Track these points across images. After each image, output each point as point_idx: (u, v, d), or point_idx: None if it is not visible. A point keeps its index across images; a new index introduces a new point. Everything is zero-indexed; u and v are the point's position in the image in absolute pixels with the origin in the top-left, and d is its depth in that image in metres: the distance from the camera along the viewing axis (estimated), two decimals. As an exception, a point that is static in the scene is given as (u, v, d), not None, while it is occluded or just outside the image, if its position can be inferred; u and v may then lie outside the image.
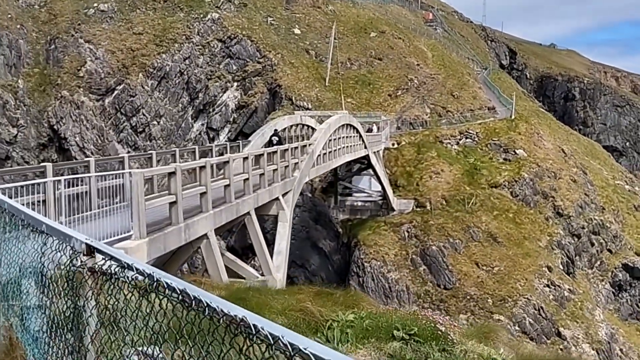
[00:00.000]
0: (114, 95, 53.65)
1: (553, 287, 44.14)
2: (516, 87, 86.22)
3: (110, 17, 57.35)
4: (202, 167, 12.25)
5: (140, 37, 56.46)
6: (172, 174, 10.66)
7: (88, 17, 56.89)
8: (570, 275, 46.60)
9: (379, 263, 43.47)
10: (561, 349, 41.41)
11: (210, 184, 12.22)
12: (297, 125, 29.18)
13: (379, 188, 47.12)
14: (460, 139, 54.16)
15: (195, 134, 55.88)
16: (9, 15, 54.78)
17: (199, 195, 12.24)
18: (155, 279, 1.92)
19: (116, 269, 2.21)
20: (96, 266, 2.43)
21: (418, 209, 47.12)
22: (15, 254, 3.99)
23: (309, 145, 21.93)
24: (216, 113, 55.72)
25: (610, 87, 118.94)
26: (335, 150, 27.29)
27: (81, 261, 2.50)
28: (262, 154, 16.40)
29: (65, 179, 8.68)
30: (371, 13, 72.68)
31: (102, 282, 2.39)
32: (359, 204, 48.01)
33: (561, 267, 46.40)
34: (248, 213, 15.05)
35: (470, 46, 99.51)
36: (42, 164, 11.59)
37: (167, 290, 1.91)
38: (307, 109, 52.02)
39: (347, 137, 30.53)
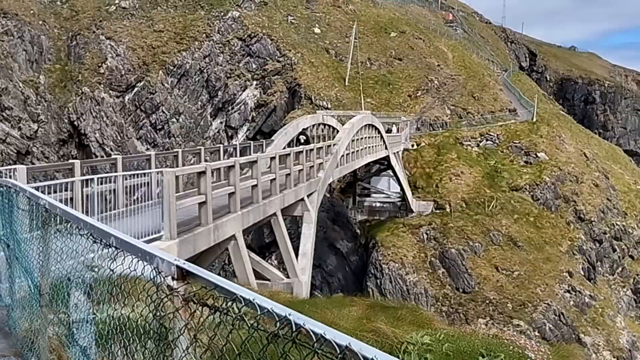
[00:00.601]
0: (134, 92, 53.80)
1: (574, 293, 43.48)
2: (536, 89, 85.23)
3: (132, 14, 57.52)
4: (231, 167, 12.01)
5: (160, 35, 56.56)
6: (201, 174, 10.44)
7: (109, 14, 57.11)
8: (591, 281, 45.86)
9: (397, 265, 43.05)
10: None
11: (239, 184, 11.99)
12: (318, 124, 28.90)
13: (398, 189, 46.73)
14: (480, 141, 53.57)
15: (214, 132, 55.86)
16: (32, 11, 55.13)
17: (227, 195, 12.02)
18: (263, 309, 1.62)
19: (223, 303, 1.84)
20: (192, 295, 2.07)
21: (437, 211, 46.64)
22: (66, 262, 3.78)
23: (333, 145, 21.67)
24: (235, 111, 55.64)
25: (631, 91, 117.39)
26: (358, 150, 27.00)
27: (170, 287, 2.15)
28: (289, 154, 16.16)
29: (97, 178, 8.47)
30: (391, 13, 72.21)
31: (201, 314, 2.02)
32: (378, 205, 47.63)
33: (582, 272, 45.69)
34: (274, 214, 14.82)
35: (490, 47, 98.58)
36: (70, 162, 11.42)
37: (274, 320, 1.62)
38: (327, 108, 51.74)
39: (369, 137, 30.23)
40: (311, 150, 18.62)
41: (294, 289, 13.85)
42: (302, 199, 17.08)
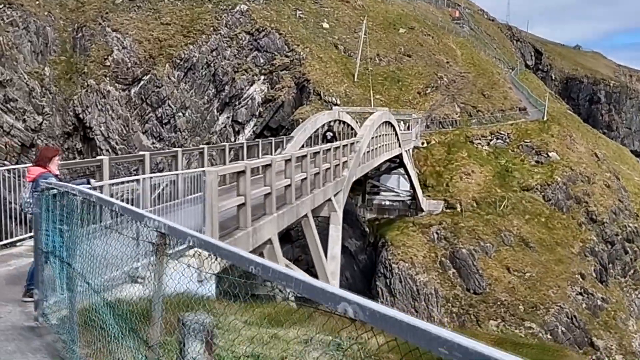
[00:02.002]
0: (140, 85, 52.98)
1: (586, 296, 42.90)
2: (544, 88, 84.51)
3: (138, 7, 56.68)
4: (267, 166, 11.30)
5: (167, 28, 55.73)
6: (241, 173, 9.72)
7: (116, 6, 56.27)
8: (603, 283, 45.27)
9: (407, 265, 42.40)
10: (594, 360, 40.33)
11: (274, 184, 11.28)
12: (335, 121, 28.17)
13: (408, 187, 46.06)
14: (491, 140, 52.89)
15: (221, 127, 55.07)
16: (37, 2, 54.26)
17: (262, 196, 11.31)
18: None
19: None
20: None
21: (448, 210, 45.99)
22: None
23: (357, 142, 20.95)
24: (242, 106, 54.82)
25: (636, 91, 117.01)
26: (376, 148, 26.31)
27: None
28: (318, 152, 15.44)
29: (151, 177, 7.76)
30: (400, 9, 71.42)
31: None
32: (387, 203, 46.95)
33: (594, 274, 45.09)
34: (305, 215, 14.10)
35: (497, 45, 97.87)
36: (98, 158, 10.72)
37: None
38: (336, 104, 50.99)
39: (385, 135, 29.52)
40: (337, 148, 17.90)
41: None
42: (330, 199, 16.36)
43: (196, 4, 58.03)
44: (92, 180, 6.76)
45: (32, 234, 9.05)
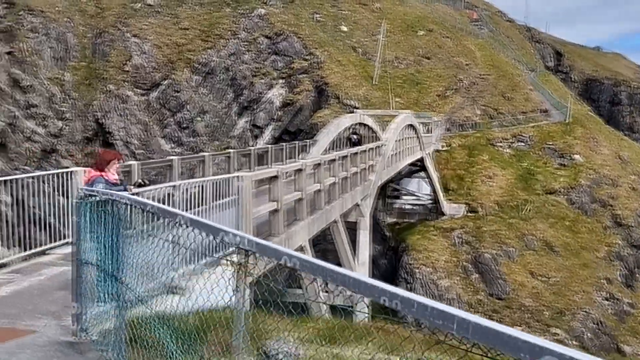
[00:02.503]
0: (159, 90, 53.09)
1: (612, 301, 42.00)
2: (565, 89, 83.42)
3: (157, 12, 56.86)
4: (299, 170, 11.00)
5: (186, 32, 55.82)
6: (274, 178, 9.43)
7: (135, 11, 56.49)
8: (630, 288, 44.29)
9: (429, 269, 41.83)
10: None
11: (306, 189, 10.97)
12: (357, 124, 27.83)
13: (429, 191, 45.53)
14: (512, 142, 52.18)
15: (239, 131, 54.96)
16: (57, 9, 54.66)
17: (293, 201, 11.00)
18: None
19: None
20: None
21: (470, 214, 45.35)
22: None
23: (382, 145, 20.59)
24: (261, 110, 54.69)
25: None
26: (400, 151, 25.92)
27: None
28: (346, 156, 15.11)
29: (189, 182, 7.47)
30: (418, 11, 70.92)
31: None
32: (408, 207, 46.42)
33: (620, 279, 44.16)
34: (334, 220, 13.78)
35: (516, 47, 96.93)
36: (128, 163, 10.52)
37: None
38: (355, 107, 50.63)
39: (408, 138, 29.11)
40: (364, 151, 17.56)
41: (358, 305, 12.79)
42: (357, 204, 16.01)
43: (215, 8, 58.10)
44: (129, 187, 6.45)
45: (62, 241, 8.82)
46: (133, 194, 5.72)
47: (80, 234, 4.85)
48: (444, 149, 49.77)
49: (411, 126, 29.81)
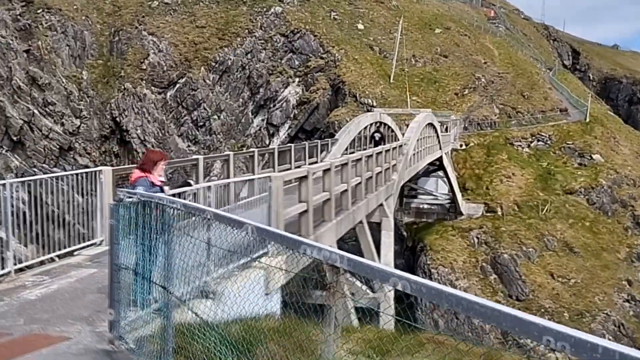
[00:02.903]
0: (175, 88, 53.11)
1: (633, 303, 41.34)
2: (583, 88, 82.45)
3: (174, 10, 56.88)
4: (327, 170, 10.76)
5: (203, 31, 55.78)
6: (303, 178, 9.19)
7: (152, 10, 56.56)
8: (652, 290, 43.56)
9: (446, 270, 41.44)
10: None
11: (333, 189, 10.73)
12: (376, 123, 27.53)
13: (446, 190, 45.08)
14: (531, 142, 51.57)
15: (255, 129, 54.85)
16: (75, 7, 54.86)
17: (321, 202, 10.76)
18: None
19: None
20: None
21: (488, 214, 44.86)
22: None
23: (404, 144, 20.29)
24: (277, 109, 54.52)
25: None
26: (421, 150, 25.59)
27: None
28: (371, 155, 14.85)
29: (219, 184, 7.21)
30: (435, 9, 70.39)
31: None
32: (425, 206, 45.98)
33: (641, 281, 43.47)
34: (360, 221, 13.53)
35: (534, 45, 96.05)
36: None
37: None
38: (372, 106, 50.33)
39: (428, 137, 28.76)
40: (387, 150, 17.27)
41: (381, 305, 12.58)
42: (381, 204, 15.75)
43: (231, 6, 58.00)
44: (165, 188, 6.22)
45: (89, 242, 8.65)
46: (173, 195, 5.53)
47: (117, 237, 4.64)
48: (462, 148, 49.28)
49: (431, 125, 29.47)
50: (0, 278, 6.76)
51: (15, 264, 6.96)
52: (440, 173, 42.80)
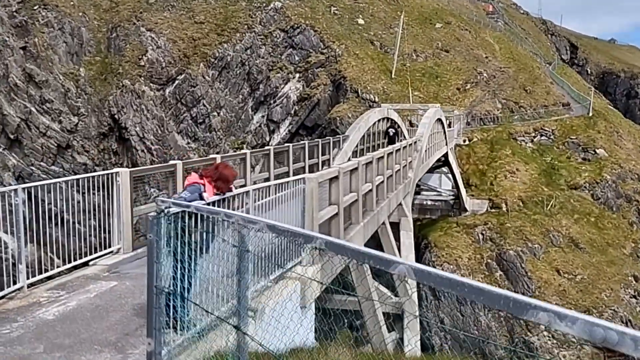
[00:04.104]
0: (174, 85, 52.38)
1: (640, 299, 40.97)
2: (583, 82, 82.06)
3: (172, 6, 56.09)
4: (354, 170, 10.16)
5: (201, 26, 55.03)
6: (334, 179, 8.59)
7: (150, 5, 55.76)
8: (658, 286, 43.19)
9: (451, 267, 40.95)
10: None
11: (361, 190, 10.14)
12: (384, 119, 26.93)
13: (450, 186, 44.57)
14: (534, 137, 51.09)
15: (255, 126, 54.22)
16: (71, 3, 54.03)
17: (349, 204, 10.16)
18: None
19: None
20: None
21: (493, 210, 44.38)
22: None
23: (418, 141, 19.72)
24: (277, 105, 53.87)
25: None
26: (431, 147, 25.02)
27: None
28: (392, 152, 14.24)
29: (256, 188, 6.56)
30: (435, 3, 69.77)
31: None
32: (429, 203, 45.42)
33: (647, 277, 43.07)
34: (383, 222, 12.93)
35: (532, 40, 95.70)
36: (171, 163, 9.71)
37: None
38: (374, 102, 49.77)
39: (437, 132, 28.20)
40: (404, 147, 16.66)
41: (405, 308, 12.01)
42: (400, 204, 15.16)
43: (230, 2, 57.27)
44: (205, 195, 5.54)
45: (104, 251, 8.04)
46: (213, 204, 4.92)
47: (158, 255, 4.03)
48: (465, 143, 48.76)
49: (439, 120, 28.93)
50: (12, 294, 6.12)
51: (28, 278, 6.34)
52: (444, 169, 42.25)
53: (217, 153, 52.16)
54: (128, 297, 6.17)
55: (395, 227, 15.73)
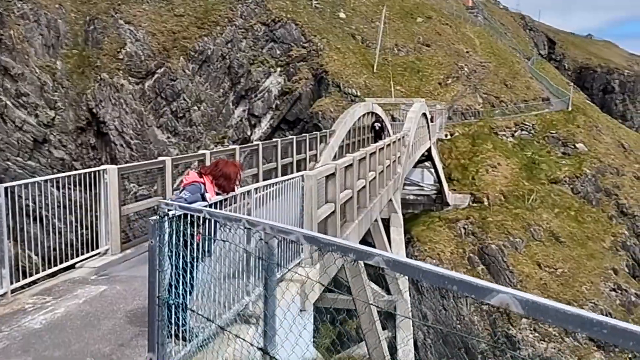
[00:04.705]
0: (154, 78, 51.58)
1: (620, 292, 41.45)
2: (560, 77, 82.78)
3: (151, -2, 55.18)
4: (349, 166, 9.88)
5: (181, 19, 54.24)
6: (330, 176, 8.29)
7: (128, -3, 54.77)
8: (637, 278, 43.79)
9: (434, 261, 40.97)
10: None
11: (355, 187, 9.87)
12: (369, 113, 26.69)
13: (432, 181, 44.59)
14: (515, 131, 51.37)
15: (237, 120, 53.68)
16: (47, -6, 52.80)
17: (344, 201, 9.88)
18: None
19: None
20: None
21: (474, 205, 44.52)
22: None
23: (405, 136, 19.50)
24: (258, 99, 53.39)
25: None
26: (417, 141, 24.85)
27: None
28: (382, 148, 13.98)
29: (257, 187, 6.15)
30: (416, -3, 69.63)
31: None
32: (411, 197, 45.39)
33: (626, 269, 43.63)
34: (375, 219, 12.69)
35: (511, 34, 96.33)
36: (161, 159, 9.29)
37: None
38: (356, 96, 49.60)
39: (422, 127, 28.05)
40: (393, 142, 16.43)
41: (397, 307, 11.81)
42: (390, 200, 14.94)
43: (210, -6, 56.51)
44: (207, 195, 5.14)
45: (91, 253, 7.66)
46: (215, 205, 4.61)
47: (160, 262, 3.70)
48: (447, 138, 48.82)
49: (424, 115, 28.80)
50: (-6, 300, 5.72)
51: (12, 283, 5.93)
52: (427, 164, 42.21)
53: (199, 148, 51.56)
54: (120, 303, 5.80)
55: (385, 223, 15.52)
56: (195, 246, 4.03)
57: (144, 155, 50.07)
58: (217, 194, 5.25)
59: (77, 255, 7.13)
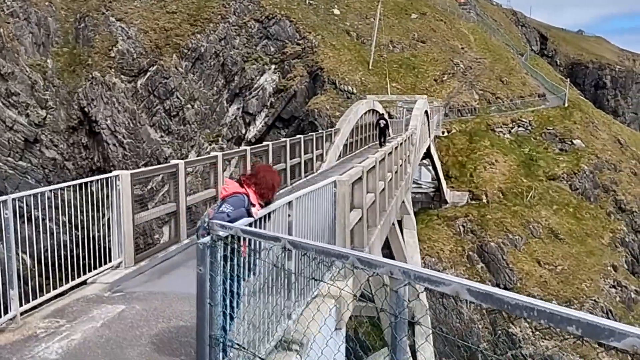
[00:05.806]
0: (146, 76, 50.79)
1: (619, 288, 41.28)
2: (554, 73, 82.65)
3: (143, -6, 54.32)
4: (372, 168, 9.37)
5: (174, 16, 53.44)
6: (358, 180, 7.77)
7: (119, -6, 53.88)
8: (636, 275, 43.66)
9: (433, 259, 40.65)
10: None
11: (378, 190, 9.38)
12: (370, 110, 26.18)
13: (430, 178, 44.20)
14: (512, 128, 51.05)
15: (231, 118, 53.02)
16: (37, -9, 51.81)
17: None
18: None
19: None
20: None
21: (473, 202, 44.16)
22: None
23: (413, 134, 19.03)
24: (253, 97, 52.75)
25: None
26: (420, 139, 24.39)
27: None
28: (397, 147, 13.48)
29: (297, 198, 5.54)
30: (409, -7, 69.08)
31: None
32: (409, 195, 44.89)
33: (625, 266, 43.47)
34: (393, 223, 12.19)
35: (504, 30, 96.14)
36: (173, 163, 8.70)
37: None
38: (352, 93, 49.10)
39: (424, 124, 27.60)
40: (405, 141, 15.93)
41: (415, 312, 11.34)
42: (403, 201, 14.45)
43: (202, -10, 55.71)
44: (253, 210, 4.48)
45: (104, 267, 7.08)
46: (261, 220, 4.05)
47: (213, 294, 3.13)
48: (444, 135, 48.41)
49: (425, 112, 28.36)
50: (2, 325, 5.09)
51: (21, 305, 5.33)
52: (425, 161, 41.77)
53: (193, 147, 50.85)
54: (142, 327, 5.20)
55: (398, 225, 15.06)
56: (241, 263, 3.48)
57: (137, 155, 49.33)
58: (260, 205, 4.64)
59: (90, 270, 6.54)
